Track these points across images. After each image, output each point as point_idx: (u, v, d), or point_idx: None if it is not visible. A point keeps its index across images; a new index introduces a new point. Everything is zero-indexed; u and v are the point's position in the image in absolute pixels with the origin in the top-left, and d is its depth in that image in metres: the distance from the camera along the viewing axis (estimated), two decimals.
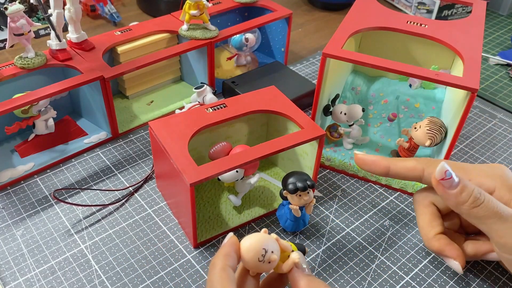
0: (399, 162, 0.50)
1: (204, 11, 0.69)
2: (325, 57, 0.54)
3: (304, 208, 0.52)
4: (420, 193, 0.51)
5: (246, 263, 0.37)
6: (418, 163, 0.49)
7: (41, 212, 0.56)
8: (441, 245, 0.48)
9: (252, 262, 0.37)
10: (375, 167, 0.50)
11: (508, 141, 0.70)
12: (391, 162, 0.50)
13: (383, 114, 0.68)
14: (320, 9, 1.08)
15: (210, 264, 0.38)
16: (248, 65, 0.82)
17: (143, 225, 0.55)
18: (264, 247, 0.36)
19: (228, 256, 0.37)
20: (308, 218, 0.53)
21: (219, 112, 0.55)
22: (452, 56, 0.67)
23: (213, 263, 0.37)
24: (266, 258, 0.36)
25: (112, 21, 0.96)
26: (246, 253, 0.37)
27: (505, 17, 1.07)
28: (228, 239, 0.38)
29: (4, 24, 0.88)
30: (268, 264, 0.37)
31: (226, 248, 0.37)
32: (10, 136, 0.65)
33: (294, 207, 0.50)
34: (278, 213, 0.54)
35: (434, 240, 0.48)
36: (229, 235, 0.39)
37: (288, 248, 0.39)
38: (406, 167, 0.49)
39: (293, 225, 0.53)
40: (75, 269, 0.50)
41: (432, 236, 0.48)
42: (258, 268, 0.37)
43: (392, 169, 0.49)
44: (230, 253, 0.37)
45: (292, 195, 0.49)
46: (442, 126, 0.56)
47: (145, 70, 0.73)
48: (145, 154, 0.65)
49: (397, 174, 0.49)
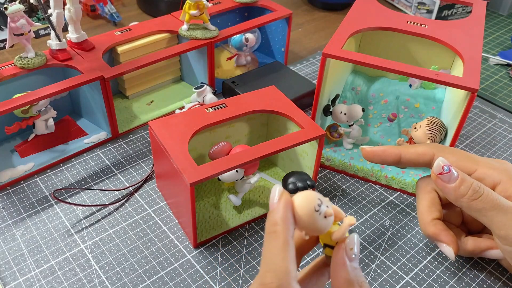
0: (410, 148, 0.50)
1: (204, 11, 0.69)
2: (325, 57, 0.54)
3: None
4: (423, 180, 0.51)
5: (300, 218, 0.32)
6: (429, 148, 0.49)
7: (41, 212, 0.56)
8: (437, 230, 0.48)
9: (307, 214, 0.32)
10: (386, 157, 0.50)
11: (508, 141, 0.70)
12: (401, 149, 0.50)
13: (383, 114, 0.68)
14: (320, 9, 1.08)
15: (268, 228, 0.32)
16: (248, 65, 0.82)
17: (143, 225, 0.55)
18: (319, 197, 0.33)
19: (289, 224, 0.31)
20: None
21: (219, 112, 0.55)
22: (452, 56, 0.67)
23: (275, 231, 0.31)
24: (322, 209, 0.32)
25: (112, 21, 0.96)
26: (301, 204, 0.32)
27: (505, 17, 1.07)
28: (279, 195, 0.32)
29: (4, 24, 0.88)
30: (325, 219, 0.32)
31: (283, 211, 0.31)
32: (10, 136, 0.65)
33: None
34: None
35: (430, 224, 0.48)
36: (279, 191, 0.32)
37: (340, 213, 0.35)
38: (417, 152, 0.49)
39: None
40: (75, 269, 0.50)
41: (429, 220, 0.49)
42: (315, 223, 0.32)
43: (404, 156, 0.49)
44: (289, 218, 0.31)
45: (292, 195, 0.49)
46: (442, 126, 0.56)
47: (145, 70, 0.73)
48: (145, 154, 0.65)
49: (409, 160, 0.49)
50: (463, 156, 0.48)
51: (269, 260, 0.31)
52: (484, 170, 0.46)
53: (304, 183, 0.49)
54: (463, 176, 0.44)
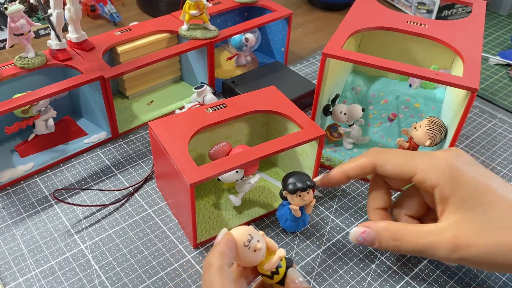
0: (351, 163, 0.50)
1: (204, 11, 0.69)
2: (325, 57, 0.54)
3: (304, 208, 0.52)
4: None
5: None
6: (367, 159, 0.49)
7: (41, 212, 0.56)
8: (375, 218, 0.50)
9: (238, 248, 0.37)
10: (334, 180, 0.50)
11: (508, 141, 0.70)
12: (345, 166, 0.50)
13: (383, 114, 0.68)
14: (320, 9, 1.08)
15: (205, 263, 0.36)
16: (248, 65, 0.82)
17: (143, 225, 0.55)
18: (250, 233, 0.37)
19: (224, 255, 0.36)
20: (308, 218, 0.53)
21: (219, 112, 0.55)
22: (452, 56, 0.67)
23: (209, 263, 0.36)
24: (252, 244, 0.37)
25: (112, 21, 0.96)
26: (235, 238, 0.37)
27: (505, 17, 1.07)
28: (222, 235, 0.37)
29: (4, 24, 0.88)
30: (254, 252, 0.37)
31: (221, 246, 0.36)
32: (10, 136, 0.65)
33: (294, 207, 0.50)
34: (278, 213, 0.54)
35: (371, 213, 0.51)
36: (223, 232, 0.38)
37: (273, 245, 0.39)
38: (358, 165, 0.49)
39: (293, 225, 0.52)
40: (75, 269, 0.50)
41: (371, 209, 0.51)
42: (245, 256, 0.37)
43: (349, 172, 0.50)
44: (225, 251, 0.36)
45: (292, 195, 0.49)
46: (442, 126, 0.56)
47: (145, 70, 0.73)
48: (145, 154, 0.65)
49: (356, 175, 0.50)
50: (401, 161, 0.47)
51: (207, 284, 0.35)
52: (422, 174, 0.45)
53: (304, 183, 0.49)
54: (379, 236, 0.46)
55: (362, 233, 0.47)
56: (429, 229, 0.44)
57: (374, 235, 0.46)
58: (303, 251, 0.53)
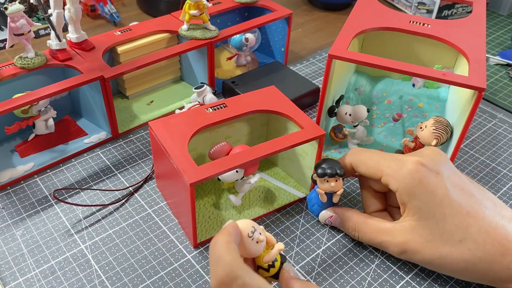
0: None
1: (204, 11, 0.69)
2: (331, 59, 0.54)
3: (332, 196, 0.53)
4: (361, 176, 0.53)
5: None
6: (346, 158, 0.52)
7: (41, 212, 0.56)
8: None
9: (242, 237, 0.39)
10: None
11: (508, 141, 0.70)
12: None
13: (387, 114, 0.68)
14: (320, 9, 1.08)
15: (212, 242, 0.38)
16: (248, 65, 0.82)
17: (143, 225, 0.55)
18: (253, 225, 0.40)
19: (231, 234, 0.38)
20: None
21: (219, 112, 0.55)
22: (455, 55, 0.67)
23: (216, 240, 0.38)
24: (255, 236, 0.39)
25: (112, 21, 0.96)
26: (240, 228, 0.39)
27: (505, 17, 1.07)
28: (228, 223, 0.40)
29: (4, 24, 0.88)
30: (256, 244, 0.40)
31: (228, 229, 0.39)
32: (10, 136, 0.65)
33: (321, 191, 0.51)
34: (308, 196, 0.56)
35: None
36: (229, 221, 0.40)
37: (272, 240, 0.42)
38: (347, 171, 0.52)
39: (319, 211, 0.54)
40: (75, 269, 0.50)
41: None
42: (248, 246, 0.39)
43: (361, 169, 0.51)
44: (232, 232, 0.38)
45: (320, 178, 0.51)
46: (448, 125, 0.56)
47: (145, 70, 0.73)
48: (145, 154, 0.65)
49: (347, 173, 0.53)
50: (371, 163, 0.49)
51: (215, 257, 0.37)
52: (386, 178, 0.48)
53: (333, 170, 0.50)
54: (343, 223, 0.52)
55: (329, 218, 0.53)
56: (386, 227, 0.49)
57: (339, 222, 0.53)
58: (303, 251, 0.53)
